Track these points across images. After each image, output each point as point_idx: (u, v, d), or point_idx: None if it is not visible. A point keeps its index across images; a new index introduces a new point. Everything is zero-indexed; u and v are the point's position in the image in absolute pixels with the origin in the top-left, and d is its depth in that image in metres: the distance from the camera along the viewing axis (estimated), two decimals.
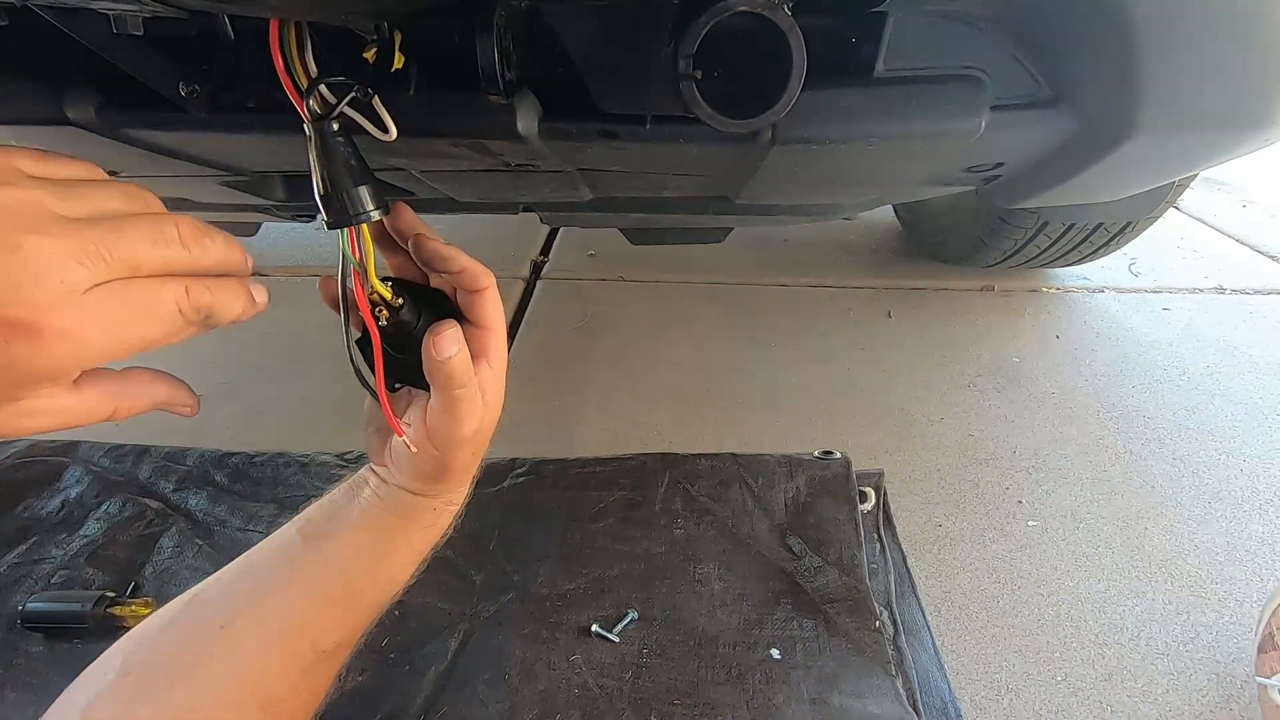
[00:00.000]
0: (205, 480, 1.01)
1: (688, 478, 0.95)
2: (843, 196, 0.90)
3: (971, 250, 1.51)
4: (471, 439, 0.51)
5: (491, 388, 0.51)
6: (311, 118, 0.43)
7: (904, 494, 1.00)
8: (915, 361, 1.33)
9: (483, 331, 0.50)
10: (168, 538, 0.91)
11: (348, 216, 0.45)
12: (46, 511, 0.96)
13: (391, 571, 0.55)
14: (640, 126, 0.57)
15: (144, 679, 0.47)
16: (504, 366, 0.52)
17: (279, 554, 0.53)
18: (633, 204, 0.99)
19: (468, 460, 0.53)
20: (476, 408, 0.49)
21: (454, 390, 0.48)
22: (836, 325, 1.45)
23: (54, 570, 0.87)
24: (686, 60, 0.44)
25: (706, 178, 0.78)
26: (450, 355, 0.46)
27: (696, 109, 0.44)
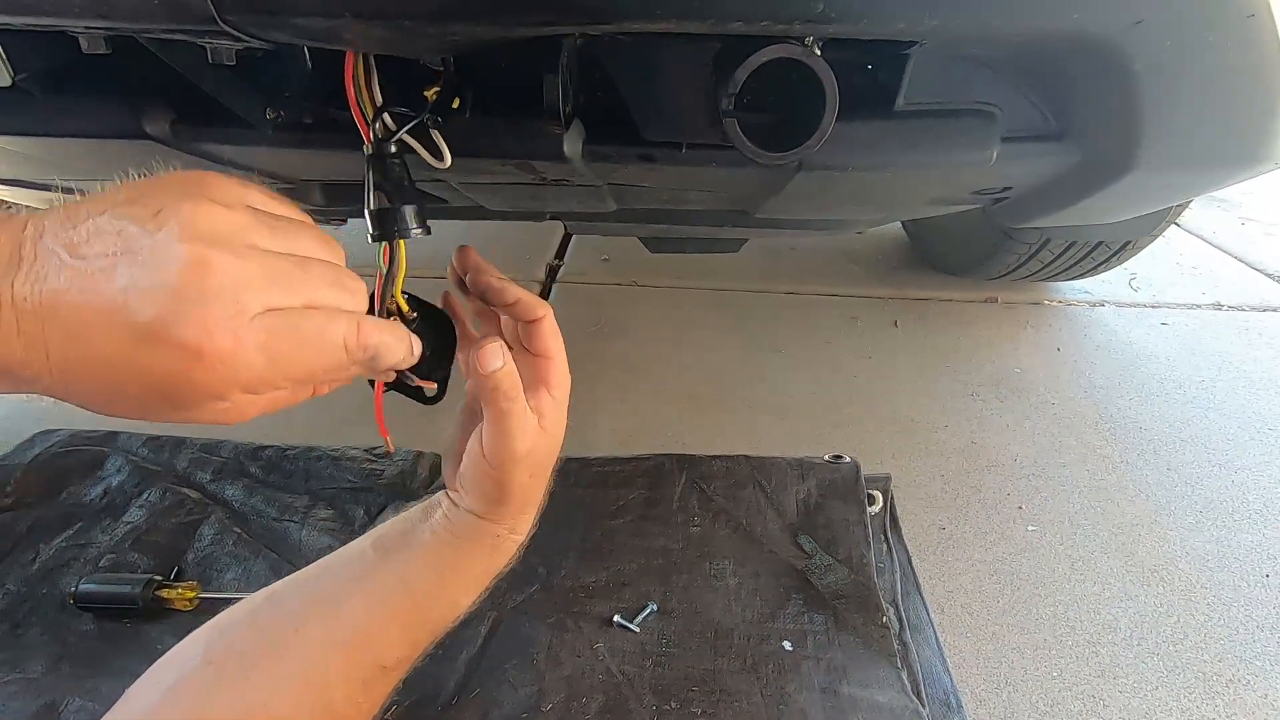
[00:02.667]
0: (240, 472, 1.05)
1: (703, 478, 1.00)
2: (856, 214, 0.95)
3: (976, 264, 1.55)
4: (526, 459, 0.51)
5: (552, 414, 0.53)
6: (373, 142, 0.48)
7: (909, 498, 1.05)
8: (920, 370, 1.37)
9: (542, 361, 0.53)
10: (207, 526, 0.95)
11: (393, 232, 0.49)
12: (90, 498, 1.00)
13: (454, 594, 0.55)
14: (676, 151, 0.62)
15: (225, 668, 0.49)
16: (566, 394, 0.54)
17: (353, 564, 0.55)
18: (654, 215, 1.03)
19: (525, 482, 0.53)
20: (529, 425, 0.50)
21: (501, 404, 0.49)
22: (844, 333, 1.49)
23: (101, 554, 0.91)
24: (729, 99, 0.48)
25: (729, 195, 0.82)
26: (495, 369, 0.47)
27: (737, 143, 0.49)
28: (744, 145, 0.49)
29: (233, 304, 0.31)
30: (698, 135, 0.58)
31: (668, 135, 0.57)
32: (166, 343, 0.30)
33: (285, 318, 0.33)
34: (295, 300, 0.33)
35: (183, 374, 0.31)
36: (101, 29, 0.47)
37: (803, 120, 0.50)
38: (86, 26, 0.47)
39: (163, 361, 0.30)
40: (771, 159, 0.49)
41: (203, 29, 0.40)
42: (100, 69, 0.59)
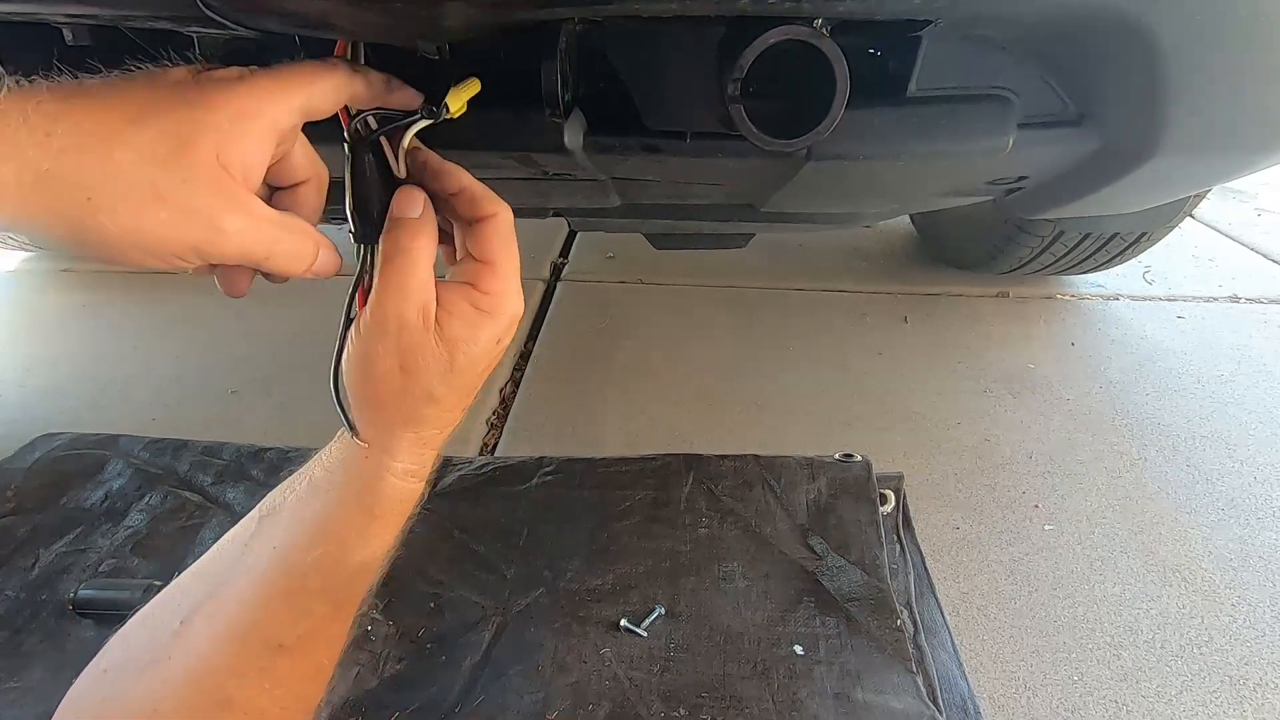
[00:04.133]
0: (242, 474, 1.04)
1: (711, 478, 0.98)
2: (866, 207, 0.93)
3: (987, 257, 1.53)
4: (421, 340, 0.44)
5: (477, 325, 0.46)
6: (351, 139, 0.46)
7: (922, 497, 1.03)
8: (932, 367, 1.35)
9: (483, 267, 0.45)
10: (208, 529, 0.94)
11: (374, 234, 0.47)
12: (90, 503, 0.99)
13: (341, 555, 0.47)
14: (681, 141, 0.60)
15: (116, 677, 0.46)
16: (505, 311, 0.47)
17: (238, 539, 0.49)
18: (659, 210, 1.02)
19: (422, 384, 0.46)
20: (427, 282, 0.44)
21: (400, 242, 0.45)
22: (853, 330, 1.47)
23: (101, 559, 0.90)
24: (735, 84, 0.46)
25: (736, 188, 0.80)
26: (412, 215, 0.45)
27: (744, 130, 0.47)
28: (751, 132, 0.47)
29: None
30: (703, 124, 0.56)
31: (672, 124, 0.55)
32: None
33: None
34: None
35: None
36: (85, 18, 0.45)
37: (812, 107, 0.48)
38: (69, 16, 0.46)
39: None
40: (779, 146, 0.47)
41: (187, 15, 0.39)
42: (85, 65, 0.58)
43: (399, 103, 0.47)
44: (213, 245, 0.39)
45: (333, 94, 0.43)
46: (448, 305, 0.46)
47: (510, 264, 0.47)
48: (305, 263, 0.43)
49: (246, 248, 0.40)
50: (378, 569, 0.52)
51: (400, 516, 0.51)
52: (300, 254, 0.43)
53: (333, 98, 0.43)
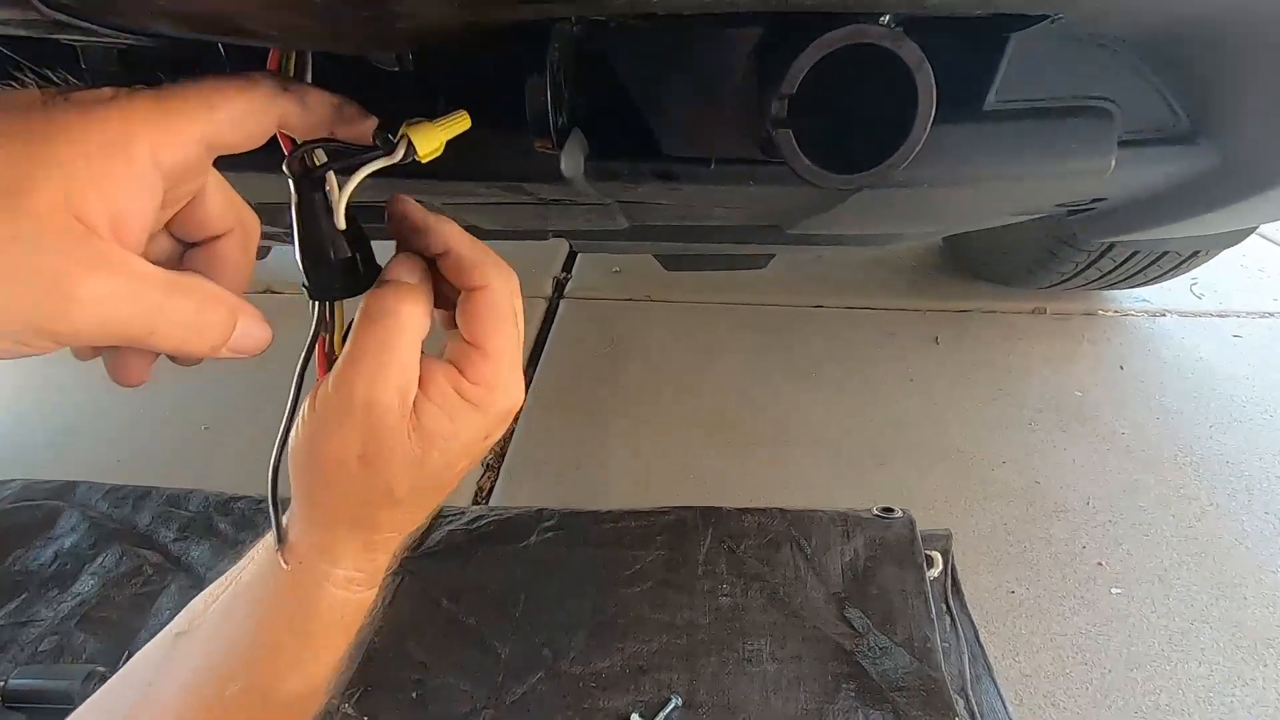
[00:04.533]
0: (208, 529, 0.93)
1: (732, 536, 0.87)
2: (912, 229, 0.81)
3: (1024, 272, 1.41)
4: (390, 423, 0.34)
5: (468, 427, 0.36)
6: (292, 174, 0.35)
7: (968, 550, 0.91)
8: (968, 395, 1.23)
9: (472, 350, 0.36)
10: (166, 597, 0.84)
11: (332, 287, 0.37)
12: (39, 563, 0.89)
13: (271, 687, 0.40)
14: (703, 168, 0.49)
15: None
16: (495, 410, 0.37)
17: (147, 662, 0.42)
18: (672, 232, 0.91)
19: (392, 510, 0.38)
20: (406, 360, 0.35)
21: (379, 303, 0.35)
22: (880, 352, 1.35)
23: (43, 635, 0.80)
24: (782, 103, 0.35)
25: (763, 212, 0.69)
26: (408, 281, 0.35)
27: (794, 162, 0.35)
28: (802, 166, 0.36)
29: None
30: (732, 149, 0.45)
31: (693, 150, 0.44)
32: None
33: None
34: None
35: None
36: None
37: (873, 127, 0.37)
38: None
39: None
40: (837, 181, 0.36)
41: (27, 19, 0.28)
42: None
43: (353, 134, 0.36)
44: (62, 320, 0.27)
45: (250, 121, 0.32)
46: (429, 389, 0.36)
47: (504, 348, 0.36)
48: (213, 337, 0.32)
49: (115, 321, 0.28)
50: (321, 696, 0.42)
51: (345, 634, 0.42)
52: (203, 327, 0.31)
53: (250, 125, 0.32)
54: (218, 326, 0.32)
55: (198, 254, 0.36)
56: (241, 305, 0.33)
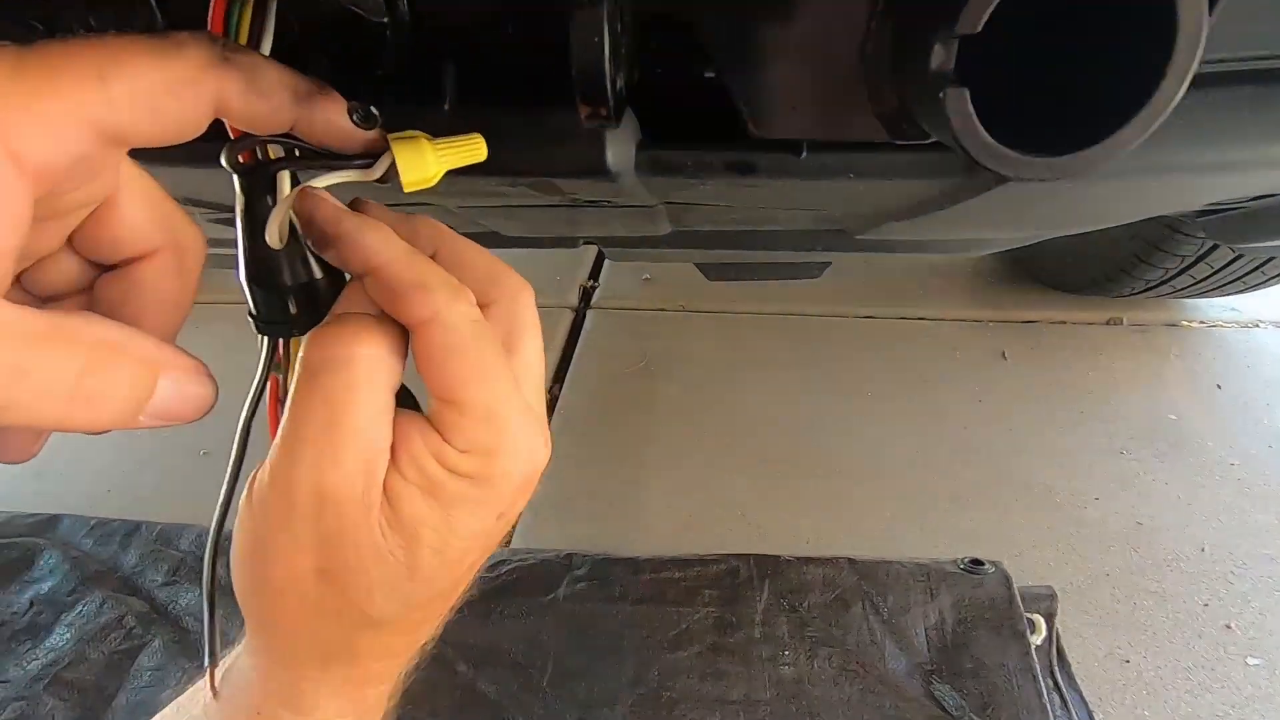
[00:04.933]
0: (199, 572, 0.83)
1: (792, 591, 0.75)
2: (1018, 235, 0.69)
3: (1103, 280, 1.27)
4: (356, 523, 0.25)
5: (467, 513, 0.26)
6: (235, 169, 0.25)
7: (1067, 608, 0.78)
8: (1046, 418, 1.09)
9: (446, 408, 0.25)
10: (147, 655, 0.74)
11: (283, 323, 0.27)
12: (12, 612, 0.80)
13: None
14: (792, 156, 0.37)
15: None
16: (503, 482, 0.26)
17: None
18: (721, 239, 0.79)
19: (375, 634, 0.28)
20: (367, 442, 0.24)
21: (314, 368, 0.25)
22: (943, 369, 1.22)
23: (8, 699, 0.70)
24: (949, 48, 0.23)
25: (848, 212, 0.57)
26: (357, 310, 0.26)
27: (966, 138, 0.24)
28: (978, 143, 0.24)
29: None
30: (839, 128, 0.33)
31: (783, 131, 0.33)
32: None
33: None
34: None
35: None
36: None
37: (1093, 104, 0.25)
38: None
39: None
40: (1036, 169, 0.24)
41: None
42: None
43: (322, 135, 0.25)
44: None
45: (167, 102, 0.21)
46: (403, 464, 0.25)
47: (489, 397, 0.25)
48: (113, 407, 0.21)
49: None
50: None
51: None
52: (95, 393, 0.20)
53: (169, 109, 0.21)
54: (121, 390, 0.21)
55: (115, 281, 0.26)
56: (168, 356, 0.23)
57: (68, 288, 0.26)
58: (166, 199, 0.26)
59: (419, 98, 0.35)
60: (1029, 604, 0.71)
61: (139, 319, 0.25)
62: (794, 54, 0.30)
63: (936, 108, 0.24)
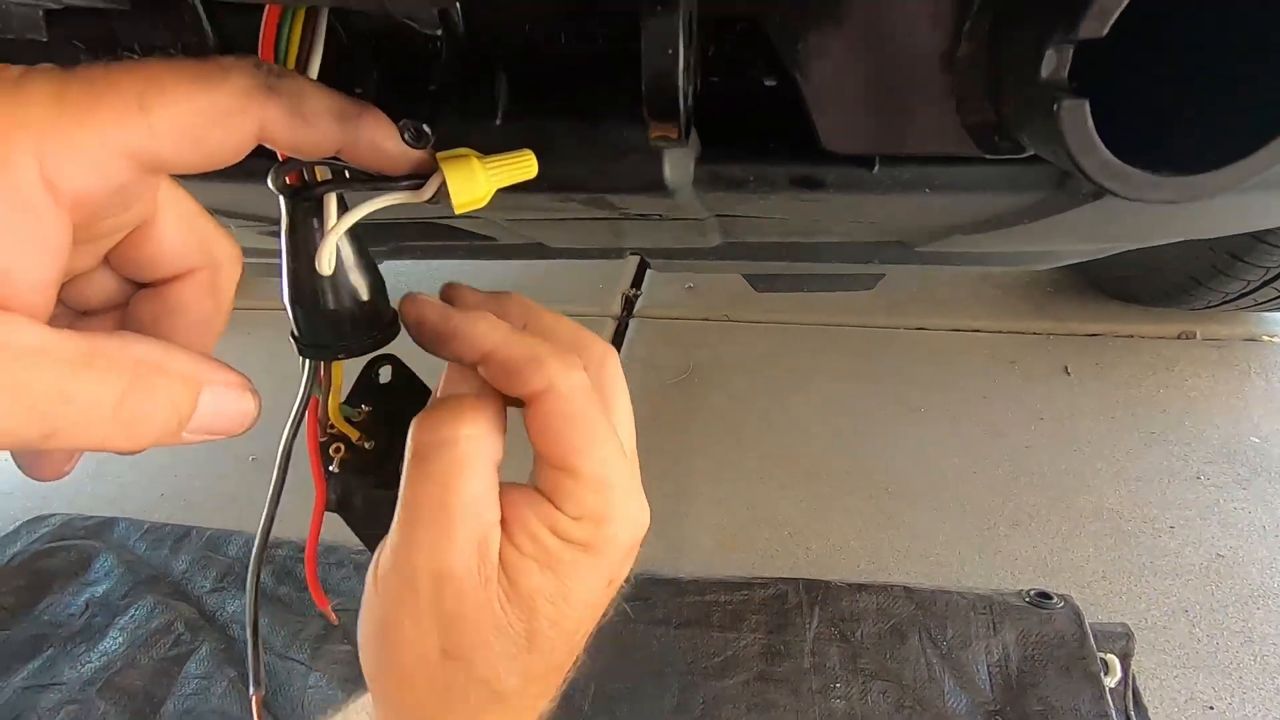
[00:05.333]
0: (245, 579, 0.84)
1: (844, 619, 0.71)
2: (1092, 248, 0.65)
3: (1176, 291, 1.19)
4: (470, 617, 0.25)
5: (581, 580, 0.27)
6: (282, 191, 0.24)
7: (1143, 646, 0.73)
8: (1114, 438, 1.03)
9: (559, 475, 0.26)
10: (194, 663, 0.74)
11: (327, 346, 0.27)
12: (69, 613, 0.82)
13: None
14: (864, 171, 0.35)
15: None
16: (614, 547, 0.27)
17: None
18: (772, 250, 0.76)
19: (500, 706, 0.28)
20: (472, 526, 0.25)
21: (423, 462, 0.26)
22: (1001, 384, 1.17)
23: (62, 703, 0.72)
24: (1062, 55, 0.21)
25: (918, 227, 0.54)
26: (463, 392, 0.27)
27: (1083, 158, 0.21)
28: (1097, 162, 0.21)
29: None
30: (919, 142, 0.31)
31: (874, 144, 0.30)
32: None
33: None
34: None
35: None
36: None
37: (1170, 104, 0.22)
38: None
39: None
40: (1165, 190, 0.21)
41: None
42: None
43: (370, 160, 0.24)
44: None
45: (210, 131, 0.20)
46: (517, 537, 0.26)
47: (602, 464, 0.26)
48: (155, 428, 0.21)
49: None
50: None
51: None
52: (136, 417, 0.20)
53: (211, 138, 0.21)
54: (163, 409, 0.21)
55: (150, 298, 0.25)
56: (208, 372, 0.22)
57: (104, 303, 0.26)
58: (204, 217, 0.25)
59: (470, 111, 0.33)
60: (1101, 642, 0.66)
61: (176, 335, 0.25)
62: (872, 60, 0.28)
63: (1047, 122, 0.21)
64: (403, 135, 0.23)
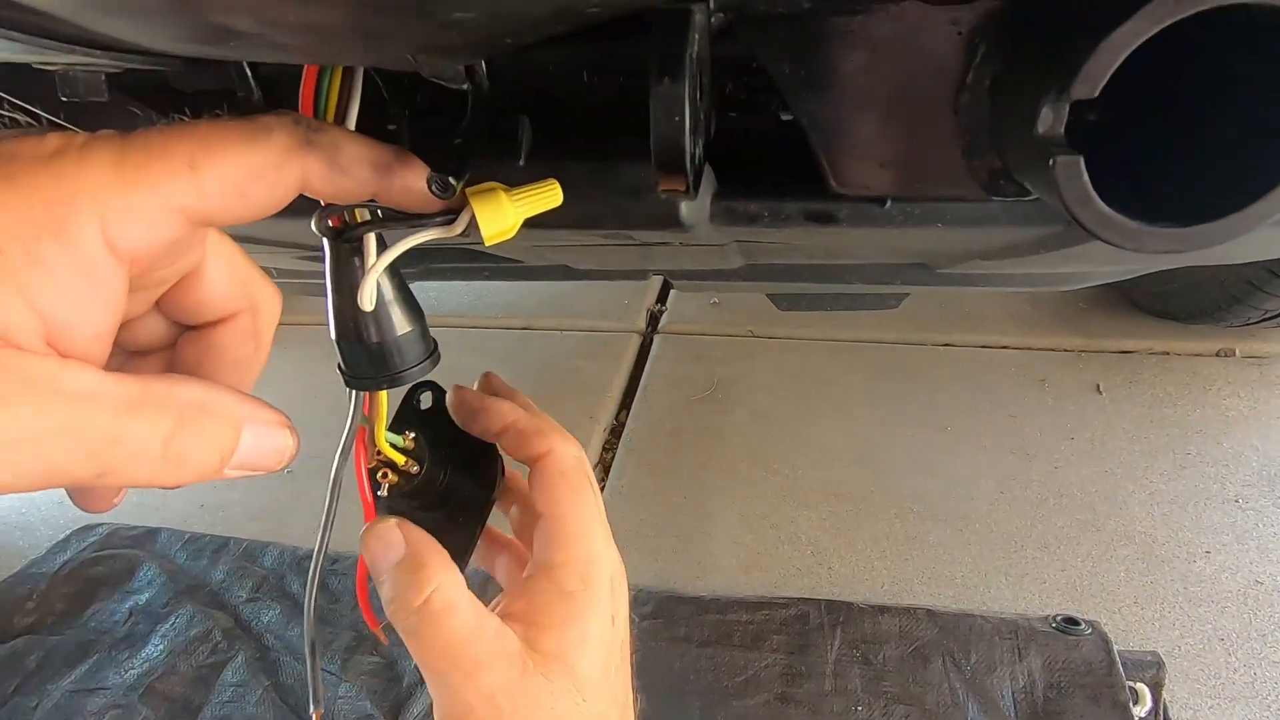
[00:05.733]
0: (280, 590, 0.87)
1: (866, 641, 0.71)
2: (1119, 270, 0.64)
3: (1214, 308, 1.17)
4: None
5: (589, 624, 0.31)
6: (324, 233, 0.25)
7: (1175, 675, 0.71)
8: (1148, 460, 1.01)
9: (549, 525, 0.32)
10: (230, 671, 0.77)
11: (372, 380, 0.29)
12: (114, 620, 0.85)
13: None
14: (875, 207, 0.36)
15: None
16: (599, 588, 0.32)
17: None
18: (794, 272, 0.77)
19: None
20: (463, 636, 0.29)
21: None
22: (1030, 402, 1.15)
23: (106, 707, 0.75)
24: (1059, 111, 0.21)
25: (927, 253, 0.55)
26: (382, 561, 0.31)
27: (1078, 208, 0.22)
28: (1093, 214, 0.22)
29: None
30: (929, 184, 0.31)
31: (867, 187, 0.31)
32: None
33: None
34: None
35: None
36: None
37: (1169, 155, 0.23)
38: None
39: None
40: (1159, 241, 0.22)
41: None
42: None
43: (403, 202, 0.26)
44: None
45: (255, 186, 0.22)
46: (529, 614, 0.31)
47: (586, 514, 0.32)
48: (199, 465, 0.23)
49: (46, 468, 0.20)
50: None
51: None
52: (181, 456, 0.22)
53: (256, 193, 0.22)
54: (205, 449, 0.23)
55: (196, 340, 0.27)
56: (250, 411, 0.24)
57: (155, 345, 0.28)
58: (247, 264, 0.27)
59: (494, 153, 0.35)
60: (1131, 671, 0.65)
61: (218, 374, 0.27)
62: (879, 107, 0.29)
63: (1044, 175, 0.22)
64: (430, 187, 0.25)
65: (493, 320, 1.53)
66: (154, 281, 0.24)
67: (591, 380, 1.30)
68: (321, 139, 0.23)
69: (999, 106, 0.24)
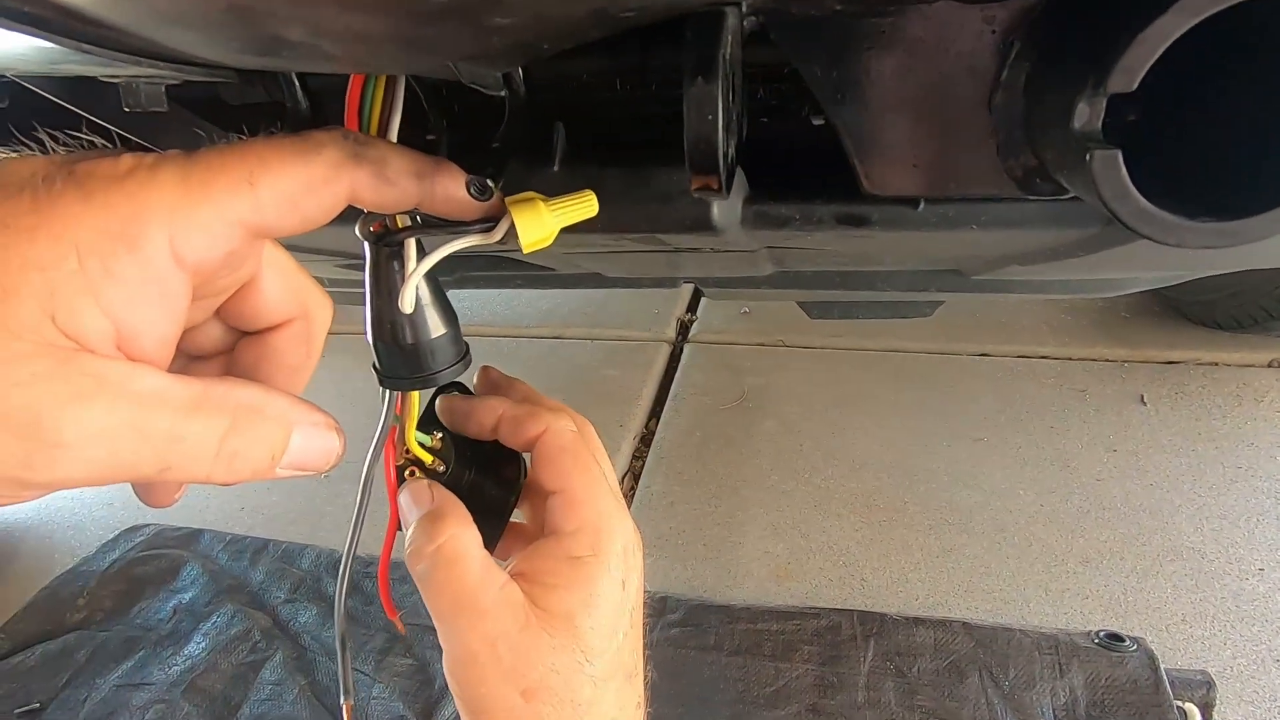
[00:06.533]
0: (316, 592, 0.89)
1: (900, 654, 0.70)
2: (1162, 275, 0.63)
3: (1265, 316, 1.13)
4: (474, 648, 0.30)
5: (599, 587, 0.31)
6: (367, 238, 0.26)
7: (1227, 696, 0.69)
8: (1194, 473, 0.98)
9: (557, 500, 0.32)
10: (269, 669, 0.79)
11: (406, 380, 0.30)
12: (159, 618, 0.88)
13: None
14: (908, 209, 0.35)
15: None
16: (610, 554, 0.32)
17: None
18: (825, 279, 0.77)
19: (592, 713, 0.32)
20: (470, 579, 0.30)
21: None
22: (1070, 414, 1.12)
23: (150, 702, 0.77)
24: (1096, 105, 0.21)
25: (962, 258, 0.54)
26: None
27: (1118, 205, 0.21)
28: (1132, 209, 0.22)
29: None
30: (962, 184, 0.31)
31: (916, 187, 0.31)
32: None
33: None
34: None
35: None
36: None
37: (1209, 147, 0.23)
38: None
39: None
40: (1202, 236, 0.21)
41: None
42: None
43: (445, 210, 0.27)
44: (43, 470, 0.20)
45: (307, 199, 0.23)
46: (538, 574, 0.31)
47: (593, 483, 0.33)
48: (252, 464, 0.24)
49: (114, 463, 0.21)
50: None
51: None
52: (236, 454, 0.23)
53: (307, 206, 0.24)
54: (258, 449, 0.24)
55: (252, 345, 0.29)
56: (300, 413, 0.25)
57: (214, 350, 0.29)
58: (300, 273, 0.28)
59: (531, 160, 0.36)
60: (1180, 690, 0.63)
61: (272, 378, 0.28)
62: (912, 107, 0.29)
63: (1081, 171, 0.22)
64: (469, 189, 0.26)
65: (525, 329, 1.55)
66: (214, 290, 0.26)
67: (622, 389, 1.31)
68: (369, 152, 0.24)
69: (1034, 103, 0.24)
